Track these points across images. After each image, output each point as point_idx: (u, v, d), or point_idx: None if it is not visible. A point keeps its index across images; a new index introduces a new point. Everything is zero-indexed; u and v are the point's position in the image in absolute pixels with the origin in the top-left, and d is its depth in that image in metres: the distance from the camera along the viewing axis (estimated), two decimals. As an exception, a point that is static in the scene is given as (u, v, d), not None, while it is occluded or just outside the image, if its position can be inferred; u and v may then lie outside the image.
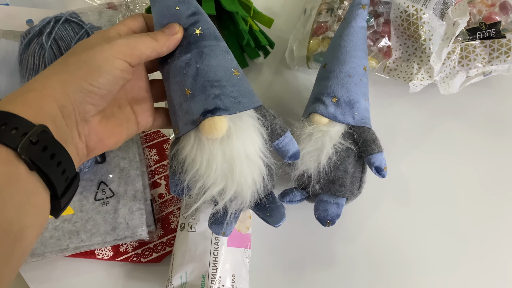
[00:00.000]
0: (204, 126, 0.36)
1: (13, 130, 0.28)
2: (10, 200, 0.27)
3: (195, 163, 0.37)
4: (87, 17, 0.58)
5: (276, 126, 0.40)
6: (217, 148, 0.37)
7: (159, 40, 0.37)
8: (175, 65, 0.38)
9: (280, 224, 0.41)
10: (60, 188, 0.30)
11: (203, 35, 0.38)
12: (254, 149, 0.38)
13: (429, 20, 0.53)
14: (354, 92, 0.47)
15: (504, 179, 0.56)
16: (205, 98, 0.37)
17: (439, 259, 0.52)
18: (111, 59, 0.34)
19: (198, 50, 0.38)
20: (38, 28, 0.51)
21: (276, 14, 0.67)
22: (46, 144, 0.29)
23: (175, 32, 0.38)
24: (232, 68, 0.39)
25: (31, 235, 0.28)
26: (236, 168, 0.37)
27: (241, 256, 0.47)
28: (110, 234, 0.50)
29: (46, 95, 0.31)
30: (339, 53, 0.48)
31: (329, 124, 0.46)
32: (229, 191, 0.38)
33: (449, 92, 0.56)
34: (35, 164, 0.28)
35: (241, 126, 0.37)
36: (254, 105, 0.39)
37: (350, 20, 0.49)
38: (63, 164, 0.30)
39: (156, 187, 0.56)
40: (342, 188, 0.47)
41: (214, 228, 0.41)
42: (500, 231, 0.53)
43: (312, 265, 0.52)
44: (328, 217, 0.46)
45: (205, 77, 0.37)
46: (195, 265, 0.44)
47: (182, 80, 0.38)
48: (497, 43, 0.56)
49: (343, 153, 0.46)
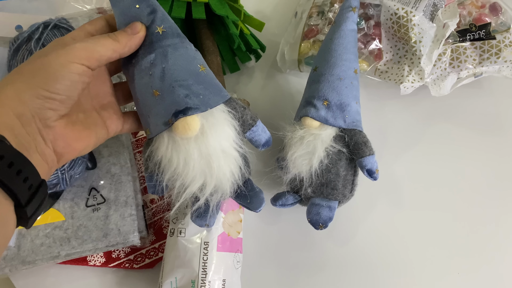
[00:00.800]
0: (177, 127, 0.36)
1: None
2: None
3: (172, 163, 0.37)
4: (77, 23, 0.58)
5: (247, 117, 0.40)
6: (192, 146, 0.37)
7: (120, 40, 0.37)
8: (140, 66, 0.38)
9: (261, 209, 0.41)
10: (23, 196, 0.30)
11: (165, 33, 0.38)
12: (229, 142, 0.38)
13: (419, 22, 0.53)
14: (345, 95, 0.47)
15: (497, 179, 0.56)
16: (175, 99, 0.37)
17: (433, 261, 0.52)
18: (67, 63, 0.34)
19: (162, 49, 0.37)
20: (27, 34, 0.50)
21: (267, 17, 0.67)
22: (3, 153, 0.29)
23: (137, 31, 0.37)
24: (198, 64, 0.39)
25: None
26: (213, 163, 0.37)
27: (232, 261, 0.46)
28: (102, 241, 0.49)
29: (1, 105, 0.31)
30: (329, 56, 0.48)
31: (321, 128, 0.46)
32: (209, 186, 0.38)
33: (440, 94, 0.56)
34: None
35: (214, 122, 0.38)
36: (224, 99, 0.39)
37: (340, 23, 0.49)
38: (24, 172, 0.30)
39: (148, 192, 0.55)
40: (334, 191, 0.47)
41: (197, 222, 0.42)
42: (494, 232, 0.53)
43: (306, 269, 0.52)
44: (320, 220, 0.46)
45: (172, 77, 0.37)
46: (185, 270, 0.44)
47: (149, 82, 0.37)
48: (487, 44, 0.56)
49: (335, 156, 0.46)
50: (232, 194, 0.41)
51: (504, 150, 0.57)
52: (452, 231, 0.53)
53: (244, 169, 0.40)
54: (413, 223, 0.54)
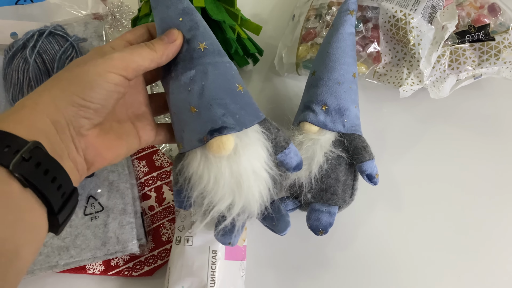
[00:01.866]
0: (212, 145, 0.36)
1: (5, 148, 0.28)
2: (3, 219, 0.26)
3: (202, 180, 0.37)
4: (73, 29, 0.57)
5: (280, 139, 0.40)
6: (224, 165, 0.37)
7: (157, 49, 0.36)
8: (179, 81, 0.38)
9: (286, 232, 0.41)
10: (56, 204, 0.30)
11: (207, 50, 0.38)
12: (260, 163, 0.38)
13: (418, 25, 0.52)
14: (343, 99, 0.46)
15: (498, 181, 0.55)
16: (211, 117, 0.36)
17: (434, 264, 0.51)
18: (104, 73, 0.33)
19: (202, 67, 0.37)
20: (21, 41, 0.50)
21: (265, 20, 0.67)
22: (39, 160, 0.29)
23: (174, 39, 0.37)
24: (236, 83, 0.39)
25: (27, 254, 0.28)
26: (243, 183, 0.37)
27: (238, 269, 0.46)
28: (100, 249, 0.49)
29: (38, 111, 0.31)
30: (327, 60, 0.48)
31: (320, 132, 0.46)
32: (237, 206, 0.38)
33: (440, 96, 0.55)
34: (28, 181, 0.28)
35: (247, 142, 0.37)
36: (259, 120, 0.39)
37: (338, 27, 0.49)
38: (59, 179, 0.30)
39: (146, 199, 0.55)
40: (334, 197, 0.46)
41: (221, 239, 0.41)
42: (495, 234, 0.53)
43: (307, 274, 0.52)
44: (320, 226, 0.46)
45: (211, 95, 0.37)
46: (193, 279, 0.44)
47: (187, 97, 0.37)
48: (487, 45, 0.56)
49: (334, 161, 0.46)
50: (259, 216, 0.41)
51: (504, 152, 0.57)
52: (452, 233, 0.53)
53: (273, 190, 0.40)
54: (413, 225, 0.53)
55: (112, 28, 0.65)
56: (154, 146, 0.57)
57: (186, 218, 0.47)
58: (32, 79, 0.49)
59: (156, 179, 0.56)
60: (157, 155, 0.57)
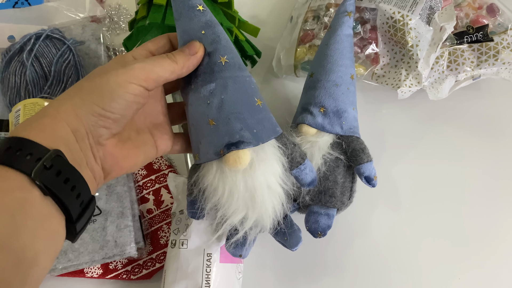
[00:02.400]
0: (228, 159, 0.36)
1: (27, 155, 0.28)
2: (24, 226, 0.27)
3: (217, 192, 0.38)
4: (70, 32, 0.57)
5: (296, 154, 0.40)
6: (239, 178, 0.37)
7: (178, 61, 0.36)
8: (199, 93, 0.38)
9: (297, 248, 0.42)
10: (74, 212, 0.30)
11: (228, 64, 0.38)
12: (275, 178, 0.38)
13: (416, 26, 0.52)
14: (341, 101, 0.46)
15: (497, 181, 0.55)
16: (229, 130, 0.36)
17: (433, 266, 0.51)
18: (124, 83, 0.33)
19: (223, 80, 0.37)
20: (18, 45, 0.50)
21: (263, 22, 0.67)
22: (60, 168, 0.29)
23: (195, 51, 0.37)
24: (255, 98, 0.39)
25: (45, 261, 0.28)
26: (257, 197, 0.37)
27: (234, 272, 0.46)
28: (98, 253, 0.49)
29: (59, 119, 0.31)
30: (325, 62, 0.47)
31: (317, 135, 0.46)
32: (250, 219, 0.38)
33: (438, 97, 0.55)
34: (49, 189, 0.28)
35: (263, 157, 0.37)
36: (276, 135, 0.39)
37: (336, 28, 0.48)
38: (78, 188, 0.30)
39: (144, 202, 0.55)
40: (333, 199, 0.46)
41: (232, 251, 0.42)
42: (495, 235, 0.52)
43: (306, 276, 0.51)
44: (319, 228, 0.46)
45: (230, 109, 0.37)
46: (188, 282, 0.44)
47: (206, 110, 0.37)
48: (485, 46, 0.55)
49: (332, 164, 0.46)
50: (271, 230, 0.41)
51: (503, 152, 0.57)
52: (453, 234, 0.53)
53: (286, 205, 0.40)
54: (413, 226, 0.53)
55: (110, 30, 0.65)
56: (152, 149, 0.57)
57: (181, 221, 0.47)
58: (29, 83, 0.49)
59: (155, 182, 0.56)
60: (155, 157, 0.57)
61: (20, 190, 0.27)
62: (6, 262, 0.25)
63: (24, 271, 0.27)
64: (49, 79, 0.51)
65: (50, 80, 0.50)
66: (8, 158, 0.28)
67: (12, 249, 0.26)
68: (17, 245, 0.26)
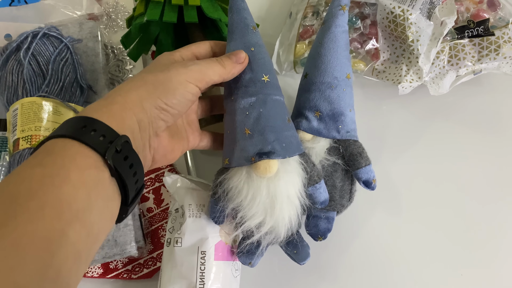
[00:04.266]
0: (259, 166, 0.39)
1: (101, 136, 0.30)
2: (96, 203, 0.28)
3: (240, 194, 0.40)
4: (68, 30, 0.57)
5: (314, 173, 0.42)
6: (264, 185, 0.40)
7: (226, 67, 0.40)
8: (239, 104, 0.41)
9: (305, 262, 0.44)
10: (131, 195, 0.33)
11: (269, 83, 0.42)
12: (295, 191, 0.41)
13: (416, 21, 0.52)
14: (337, 104, 0.45)
15: (500, 178, 0.55)
16: (263, 141, 0.40)
17: (435, 263, 0.51)
18: (185, 83, 0.37)
19: (263, 96, 0.41)
20: (15, 43, 0.49)
21: (261, 18, 0.66)
22: (127, 154, 0.31)
23: (242, 61, 0.41)
24: (286, 116, 0.42)
25: (102, 239, 0.31)
26: (277, 205, 0.40)
27: (230, 269, 0.45)
28: (98, 252, 0.48)
29: (128, 108, 0.34)
30: (319, 63, 0.46)
31: (314, 140, 0.45)
32: (266, 225, 0.41)
33: (439, 92, 0.55)
34: (117, 172, 0.30)
35: (288, 169, 0.40)
36: (300, 152, 0.42)
37: (330, 25, 0.46)
38: (138, 174, 0.33)
39: (144, 201, 0.55)
40: (332, 203, 0.46)
41: (242, 258, 0.45)
42: (497, 233, 0.52)
43: (306, 276, 0.51)
44: (319, 232, 0.46)
45: (266, 122, 0.40)
46: (182, 281, 0.44)
47: (244, 120, 0.41)
48: (486, 40, 0.55)
49: (330, 168, 0.45)
50: (283, 240, 0.43)
51: (505, 148, 0.56)
52: (454, 231, 0.52)
53: (300, 218, 0.43)
54: (414, 224, 0.53)
55: (108, 28, 0.64)
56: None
57: (176, 219, 0.47)
58: (26, 81, 0.49)
59: (154, 181, 0.55)
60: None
61: (95, 168, 0.29)
62: (80, 235, 0.27)
63: (91, 245, 0.29)
64: (47, 77, 0.50)
65: (48, 78, 0.50)
66: (84, 136, 0.29)
67: (86, 223, 0.28)
68: (90, 220, 0.28)
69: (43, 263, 0.24)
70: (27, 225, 0.25)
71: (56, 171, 0.28)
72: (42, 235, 0.25)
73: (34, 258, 0.24)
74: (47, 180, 0.27)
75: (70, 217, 0.26)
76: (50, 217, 0.26)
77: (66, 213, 0.26)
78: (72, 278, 0.27)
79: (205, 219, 0.45)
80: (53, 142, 0.30)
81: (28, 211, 0.25)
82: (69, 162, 0.28)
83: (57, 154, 0.29)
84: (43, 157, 0.29)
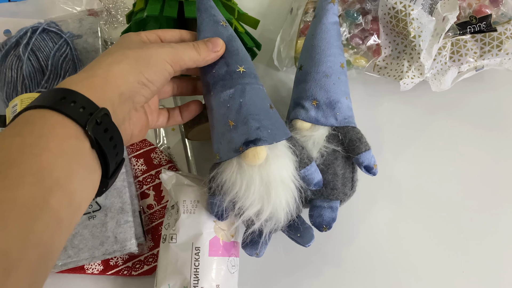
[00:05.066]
0: (247, 155, 0.40)
1: (80, 108, 0.30)
2: (76, 173, 0.28)
3: (235, 186, 0.41)
4: (67, 25, 0.57)
5: (304, 156, 0.43)
6: (256, 173, 0.40)
7: (201, 53, 0.40)
8: (219, 98, 0.42)
9: (310, 244, 0.44)
10: (112, 168, 0.33)
11: (245, 73, 0.42)
12: (288, 174, 0.41)
13: (418, 16, 0.52)
14: (333, 92, 0.46)
15: (501, 174, 0.55)
16: (247, 130, 0.40)
17: (437, 259, 0.51)
18: (163, 61, 0.37)
19: (241, 86, 0.42)
20: (15, 39, 0.49)
21: (262, 14, 0.66)
22: (107, 126, 0.31)
23: (218, 49, 0.41)
24: (268, 103, 0.43)
25: (83, 209, 0.30)
26: (272, 190, 0.40)
27: (226, 265, 0.45)
28: (98, 249, 0.48)
29: (109, 81, 0.33)
30: (313, 53, 0.47)
31: (312, 129, 0.46)
32: (265, 212, 0.41)
33: (441, 89, 0.54)
34: (98, 143, 0.30)
35: (277, 154, 0.41)
36: (287, 136, 0.43)
37: (321, 17, 0.48)
38: (118, 147, 0.33)
39: (145, 197, 0.54)
40: (334, 191, 0.46)
41: (248, 250, 0.45)
42: (498, 229, 0.52)
43: (307, 270, 0.51)
44: (324, 222, 0.45)
45: (247, 111, 0.41)
46: (177, 277, 0.43)
47: (226, 112, 0.41)
48: (488, 36, 0.55)
49: (330, 156, 0.45)
50: (285, 224, 0.43)
51: (507, 144, 0.56)
52: (456, 228, 0.52)
53: (298, 201, 0.43)
54: (416, 220, 0.53)
55: (108, 24, 0.64)
56: (152, 144, 0.57)
57: (172, 216, 0.47)
58: (26, 77, 0.48)
59: (155, 177, 0.55)
60: (155, 153, 0.56)
61: (75, 138, 0.29)
62: (62, 202, 0.27)
63: (73, 214, 0.28)
64: (46, 73, 0.50)
65: (47, 74, 0.50)
66: (64, 107, 0.29)
67: (68, 191, 0.28)
68: (71, 188, 0.28)
69: (25, 229, 0.24)
70: (6, 192, 0.25)
71: (36, 140, 0.27)
72: (22, 201, 0.25)
73: (16, 223, 0.24)
74: (26, 149, 0.27)
75: (50, 185, 0.26)
76: (30, 184, 0.26)
77: (46, 180, 0.26)
78: (55, 245, 0.27)
79: (199, 215, 0.45)
80: (31, 113, 0.29)
81: (7, 178, 0.25)
82: (48, 132, 0.28)
83: (35, 124, 0.28)
84: (21, 127, 0.29)
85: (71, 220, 0.28)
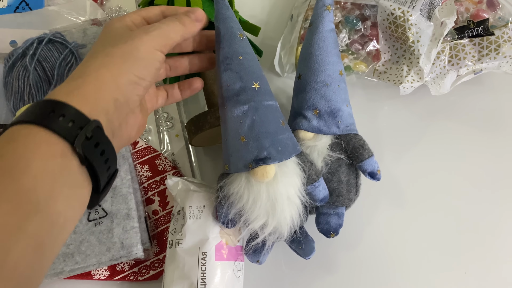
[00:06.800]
0: (256, 173, 0.40)
1: (69, 122, 0.28)
2: (61, 192, 0.27)
3: (242, 199, 0.41)
4: (72, 35, 0.58)
5: (312, 172, 0.43)
6: (263, 189, 0.41)
7: (186, 25, 0.38)
8: (232, 113, 0.42)
9: (311, 257, 0.45)
10: (102, 183, 0.31)
11: (260, 89, 0.43)
12: (294, 191, 0.42)
13: (417, 22, 0.52)
14: (334, 100, 0.46)
15: (501, 176, 0.55)
16: (258, 148, 0.41)
17: (439, 260, 0.51)
18: (152, 51, 0.35)
19: (255, 103, 0.42)
20: (21, 49, 0.50)
21: (263, 21, 0.67)
22: (98, 140, 0.30)
23: (200, 19, 0.40)
24: (280, 119, 0.43)
25: (70, 228, 0.29)
26: (278, 207, 0.41)
27: (232, 270, 0.46)
28: (105, 255, 0.49)
29: (101, 89, 0.31)
30: (312, 63, 0.47)
31: (315, 138, 0.46)
32: (269, 226, 0.42)
33: (440, 92, 0.55)
34: (87, 160, 0.29)
35: (285, 171, 0.41)
36: (297, 153, 0.43)
37: (317, 25, 0.48)
38: (110, 161, 0.32)
39: (150, 203, 0.55)
40: (340, 198, 0.46)
41: (250, 257, 0.46)
42: (498, 229, 0.53)
43: (311, 274, 0.52)
44: (331, 229, 0.46)
45: (260, 128, 0.41)
46: (184, 282, 0.44)
47: (238, 128, 0.42)
48: (486, 40, 0.56)
49: (334, 165, 0.46)
50: (287, 238, 0.45)
51: (506, 147, 0.57)
52: (458, 229, 0.53)
53: (302, 216, 0.44)
54: (418, 222, 0.53)
55: (111, 33, 0.65)
56: (156, 150, 0.57)
57: (178, 221, 0.47)
58: (32, 87, 0.49)
59: (159, 183, 0.56)
60: (159, 159, 0.57)
61: (61, 157, 0.28)
62: (43, 226, 0.26)
63: (56, 236, 0.27)
64: (52, 82, 0.51)
65: (54, 83, 0.51)
66: (51, 122, 0.28)
67: (49, 214, 0.27)
68: (53, 211, 0.27)
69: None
70: None
71: (16, 162, 0.26)
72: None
73: None
74: (6, 173, 0.26)
75: (28, 210, 0.25)
76: (5, 214, 0.25)
77: (23, 206, 0.25)
78: (35, 272, 0.26)
79: (205, 221, 0.46)
80: (17, 129, 0.28)
81: None
82: (31, 152, 0.27)
83: (19, 142, 0.27)
84: (3, 145, 0.27)
85: (54, 242, 0.27)
